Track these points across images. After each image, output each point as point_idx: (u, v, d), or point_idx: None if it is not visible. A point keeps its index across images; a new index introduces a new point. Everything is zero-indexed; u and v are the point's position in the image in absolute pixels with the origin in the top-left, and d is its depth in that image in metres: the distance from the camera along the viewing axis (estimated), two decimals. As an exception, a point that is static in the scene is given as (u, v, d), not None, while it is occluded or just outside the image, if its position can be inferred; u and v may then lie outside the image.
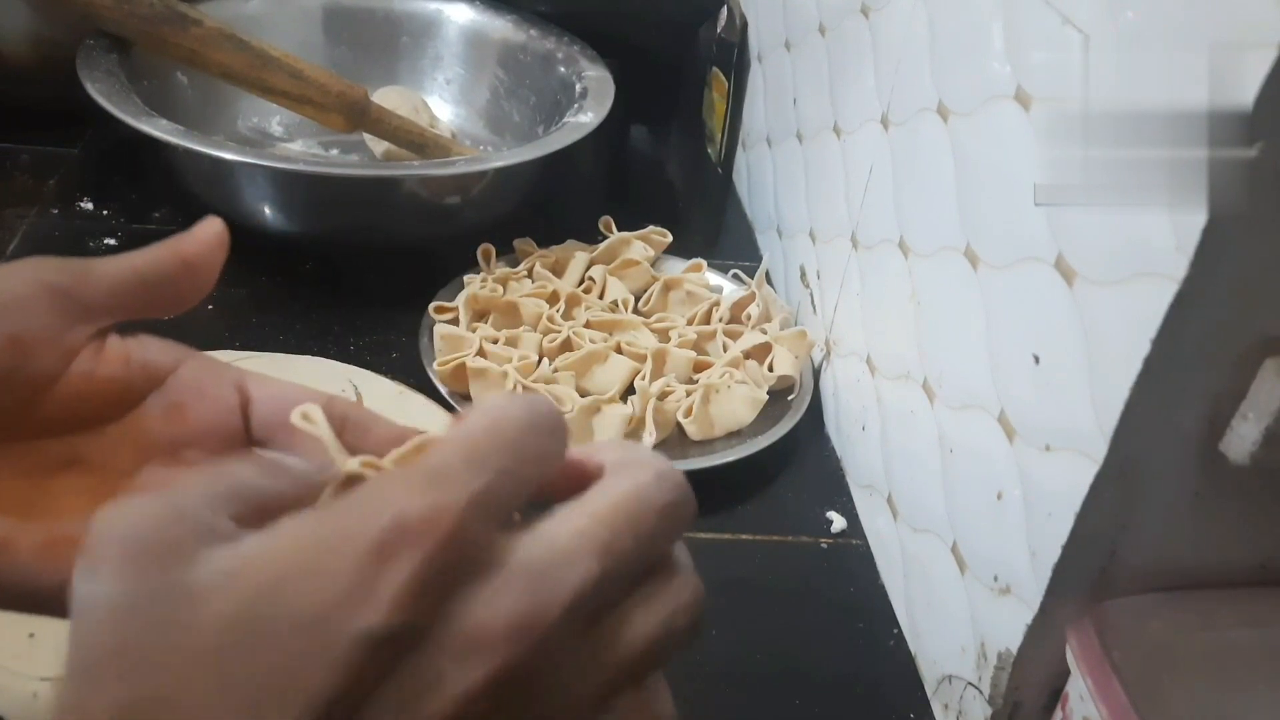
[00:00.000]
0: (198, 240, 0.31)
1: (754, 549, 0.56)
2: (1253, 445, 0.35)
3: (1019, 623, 0.42)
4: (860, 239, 0.60)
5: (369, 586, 0.20)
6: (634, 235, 0.73)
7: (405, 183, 0.67)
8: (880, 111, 0.58)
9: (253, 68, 0.69)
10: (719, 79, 0.87)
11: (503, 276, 0.68)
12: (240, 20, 0.74)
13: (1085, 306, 0.38)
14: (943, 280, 0.50)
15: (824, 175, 0.67)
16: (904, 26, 0.55)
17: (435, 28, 0.86)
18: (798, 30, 0.73)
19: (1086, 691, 0.38)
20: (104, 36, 0.70)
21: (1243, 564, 0.41)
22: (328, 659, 0.20)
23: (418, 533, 0.21)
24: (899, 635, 0.52)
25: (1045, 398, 0.41)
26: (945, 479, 0.49)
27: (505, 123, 0.85)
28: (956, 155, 0.49)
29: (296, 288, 0.69)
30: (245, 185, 0.66)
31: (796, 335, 0.65)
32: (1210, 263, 0.33)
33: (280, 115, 0.82)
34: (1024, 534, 0.42)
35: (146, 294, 0.30)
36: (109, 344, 0.30)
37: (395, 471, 0.24)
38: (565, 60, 0.81)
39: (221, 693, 0.20)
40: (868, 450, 0.58)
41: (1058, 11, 0.40)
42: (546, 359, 0.62)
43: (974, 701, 0.45)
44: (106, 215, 0.73)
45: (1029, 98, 0.42)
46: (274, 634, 0.20)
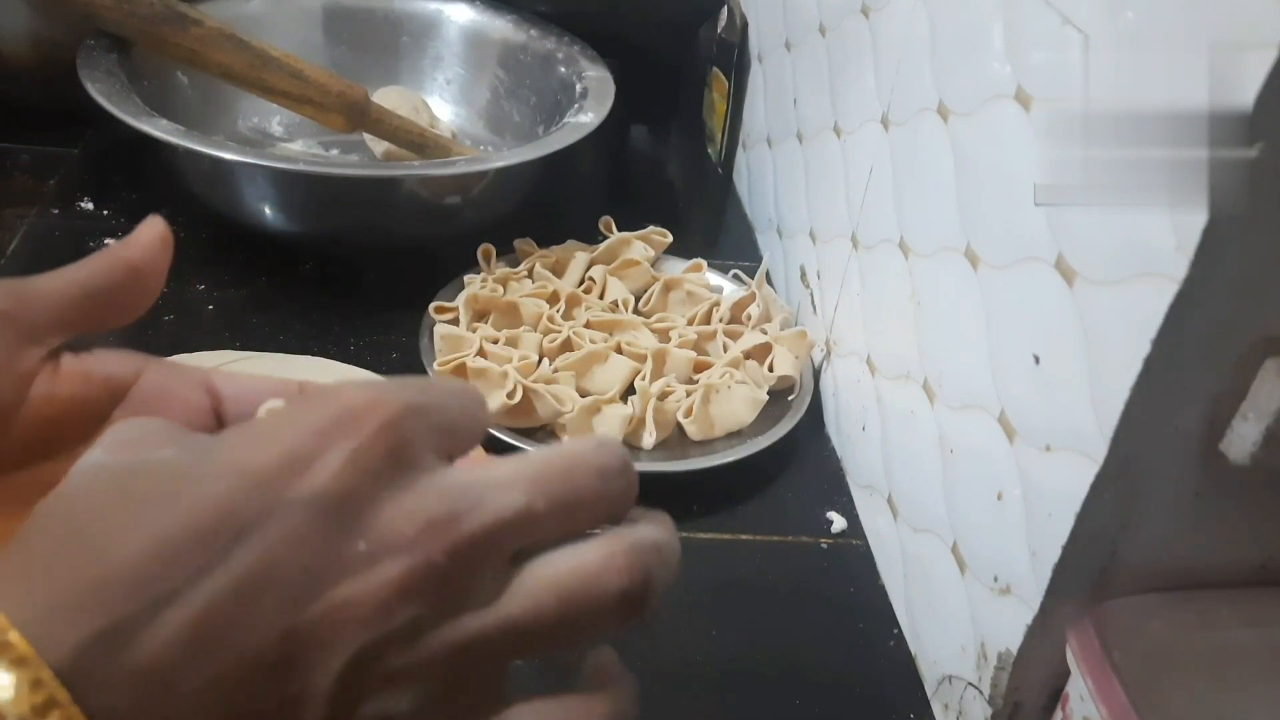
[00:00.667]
0: (141, 244, 0.30)
1: (754, 549, 0.56)
2: (1253, 445, 0.35)
3: (1019, 623, 0.42)
4: (860, 239, 0.60)
5: (314, 456, 0.23)
6: (634, 235, 0.73)
7: (405, 183, 0.67)
8: (880, 112, 0.58)
9: (253, 68, 0.69)
10: (719, 79, 0.87)
11: (503, 276, 0.68)
12: (240, 20, 0.74)
13: (1085, 306, 0.38)
14: (943, 280, 0.50)
15: (824, 175, 0.67)
16: (904, 26, 0.55)
17: (435, 28, 0.86)
18: (798, 30, 0.73)
19: (1086, 691, 0.38)
20: (104, 36, 0.70)
21: (1243, 564, 0.41)
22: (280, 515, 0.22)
23: (359, 417, 0.23)
24: (899, 635, 0.52)
25: (1045, 398, 0.41)
26: (945, 479, 0.49)
27: (505, 123, 0.85)
28: (957, 155, 0.49)
29: (296, 288, 0.69)
30: (245, 185, 0.66)
31: (797, 335, 0.65)
32: (1210, 263, 0.33)
33: (280, 115, 0.82)
34: (1024, 534, 0.42)
35: (93, 307, 0.29)
36: (64, 362, 0.29)
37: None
38: (565, 60, 0.81)
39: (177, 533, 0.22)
40: (868, 450, 0.58)
41: (1058, 11, 0.40)
42: (547, 359, 0.62)
43: (974, 702, 0.45)
44: (106, 215, 0.73)
45: (1029, 98, 0.42)
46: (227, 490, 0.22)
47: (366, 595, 0.22)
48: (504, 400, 0.57)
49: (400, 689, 0.23)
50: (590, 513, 0.26)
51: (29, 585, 0.21)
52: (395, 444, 0.23)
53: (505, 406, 0.57)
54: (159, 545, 0.22)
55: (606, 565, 0.25)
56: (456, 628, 0.23)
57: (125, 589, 0.21)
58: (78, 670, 0.20)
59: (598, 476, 0.26)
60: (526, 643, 0.25)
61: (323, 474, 0.23)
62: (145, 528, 0.22)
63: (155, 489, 0.23)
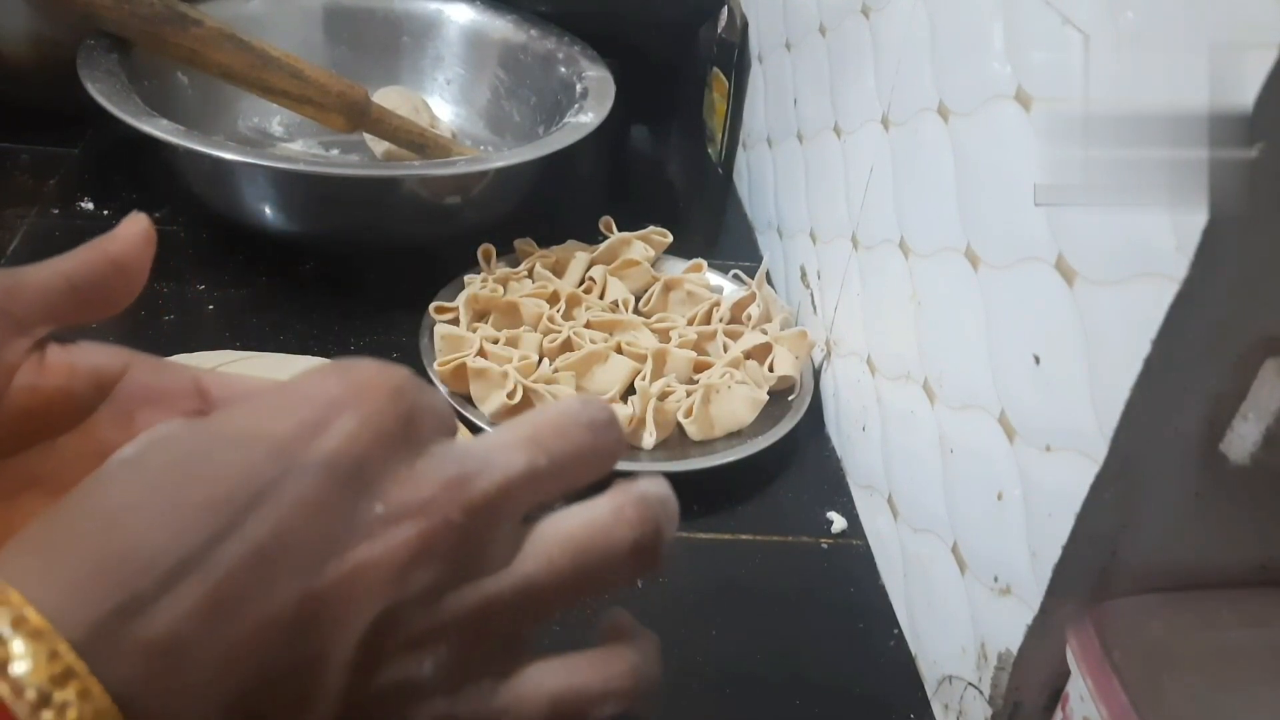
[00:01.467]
0: (125, 239, 0.30)
1: (754, 549, 0.56)
2: (1253, 445, 0.35)
3: (1019, 623, 0.42)
4: (860, 239, 0.60)
5: (328, 423, 0.23)
6: (634, 235, 0.73)
7: (405, 183, 0.67)
8: (880, 112, 0.58)
9: (253, 68, 0.69)
10: (719, 79, 0.87)
11: (503, 276, 0.68)
12: (240, 20, 0.74)
13: (1085, 307, 0.38)
14: (943, 280, 0.50)
15: (824, 175, 0.67)
16: (904, 26, 0.55)
17: (436, 28, 0.86)
18: (798, 30, 0.73)
19: (1087, 692, 0.38)
20: (104, 36, 0.70)
21: (1243, 564, 0.41)
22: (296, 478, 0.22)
23: (370, 387, 0.24)
24: (899, 636, 0.52)
25: (1045, 398, 0.41)
26: (945, 479, 0.49)
27: (505, 123, 0.85)
28: (957, 155, 0.49)
29: (296, 288, 0.69)
30: (245, 185, 0.66)
31: (797, 335, 0.65)
32: (1210, 263, 0.33)
33: (281, 115, 0.82)
34: (1024, 534, 0.42)
35: (78, 299, 0.29)
36: (49, 354, 0.29)
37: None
38: (566, 60, 0.81)
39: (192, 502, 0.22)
40: (868, 450, 0.58)
41: (1058, 11, 0.40)
42: (547, 359, 0.62)
43: (974, 702, 0.45)
44: (107, 215, 0.73)
45: (1029, 98, 0.42)
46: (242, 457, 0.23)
47: (385, 558, 0.22)
48: (504, 400, 0.57)
49: (420, 653, 0.23)
50: (588, 465, 0.26)
51: (47, 564, 0.21)
52: (405, 412, 0.24)
53: (505, 406, 0.57)
54: (174, 516, 0.22)
55: (617, 518, 0.25)
56: (475, 589, 0.24)
57: (140, 562, 0.21)
58: (94, 643, 0.20)
59: (589, 430, 0.26)
60: (545, 600, 0.25)
61: (337, 438, 0.23)
62: (160, 500, 0.22)
63: (168, 462, 0.23)
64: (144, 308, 0.65)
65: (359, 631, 0.22)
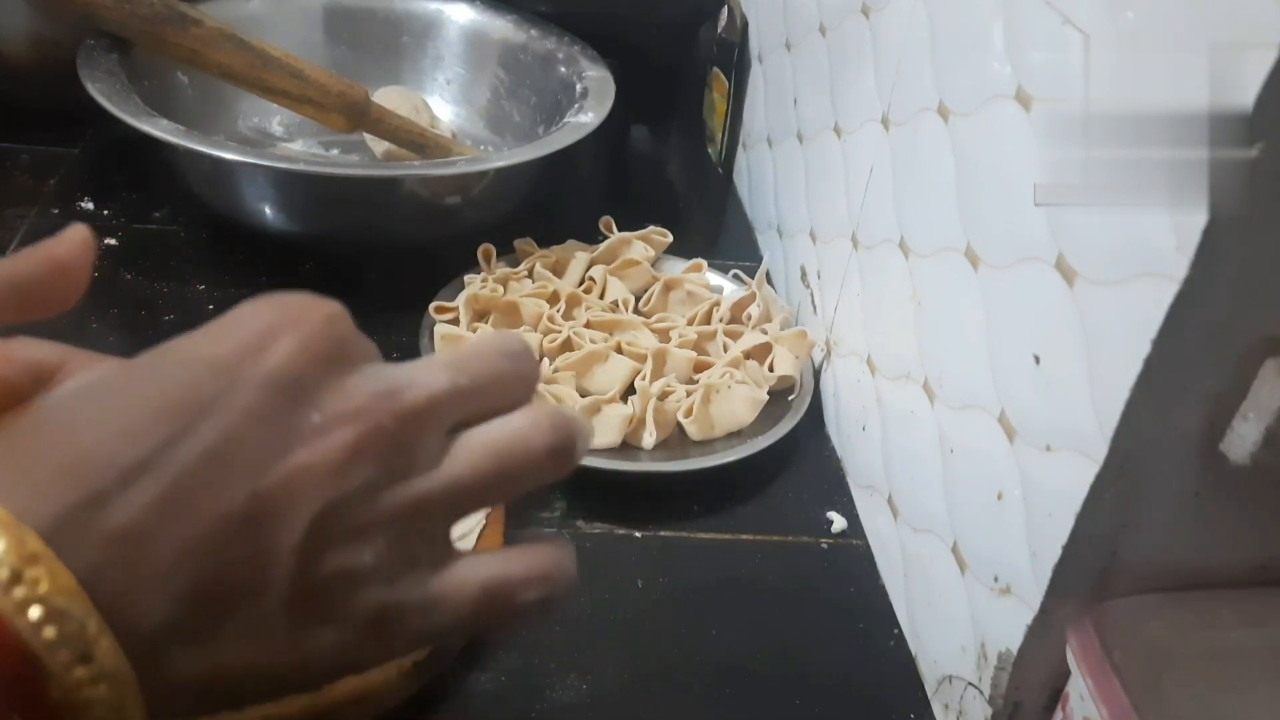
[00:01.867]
0: (68, 242, 0.32)
1: (754, 549, 0.56)
2: (1253, 445, 0.35)
3: (1019, 623, 0.42)
4: (860, 239, 0.60)
5: (267, 345, 0.26)
6: (634, 235, 0.73)
7: (405, 183, 0.67)
8: (881, 111, 0.58)
9: (253, 68, 0.69)
10: (719, 79, 0.87)
11: (503, 276, 0.68)
12: (240, 20, 0.74)
13: (1085, 306, 0.38)
14: (943, 280, 0.50)
15: (824, 175, 0.67)
16: (904, 26, 0.55)
17: (436, 28, 0.86)
18: (798, 30, 0.73)
19: (1087, 692, 0.38)
20: (104, 36, 0.70)
21: (1243, 564, 0.41)
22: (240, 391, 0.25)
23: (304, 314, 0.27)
24: (899, 635, 0.52)
25: (1045, 398, 0.41)
26: (945, 479, 0.49)
27: (505, 123, 0.85)
28: (957, 155, 0.49)
29: (296, 288, 0.68)
30: (245, 185, 0.66)
31: (797, 335, 0.65)
32: (1210, 263, 0.33)
33: (281, 115, 0.82)
34: (1024, 534, 0.42)
35: (20, 299, 0.30)
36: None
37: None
38: (566, 60, 0.81)
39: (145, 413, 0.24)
40: (868, 450, 0.58)
41: (1058, 11, 0.40)
42: (547, 359, 0.62)
43: (974, 702, 0.45)
44: (107, 215, 0.73)
45: (1029, 98, 0.42)
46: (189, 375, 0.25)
47: (323, 458, 0.25)
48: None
49: (359, 543, 0.26)
50: (505, 389, 0.29)
51: (6, 469, 0.24)
52: (338, 336, 0.27)
53: (505, 406, 0.57)
54: (128, 425, 0.24)
55: (534, 425, 0.29)
56: (407, 487, 0.27)
57: (98, 464, 0.23)
58: (58, 533, 0.22)
59: (505, 357, 0.29)
60: (470, 498, 0.28)
61: (276, 357, 0.26)
62: (114, 412, 0.25)
63: (117, 383, 0.26)
64: (144, 308, 0.65)
65: (303, 525, 0.25)
